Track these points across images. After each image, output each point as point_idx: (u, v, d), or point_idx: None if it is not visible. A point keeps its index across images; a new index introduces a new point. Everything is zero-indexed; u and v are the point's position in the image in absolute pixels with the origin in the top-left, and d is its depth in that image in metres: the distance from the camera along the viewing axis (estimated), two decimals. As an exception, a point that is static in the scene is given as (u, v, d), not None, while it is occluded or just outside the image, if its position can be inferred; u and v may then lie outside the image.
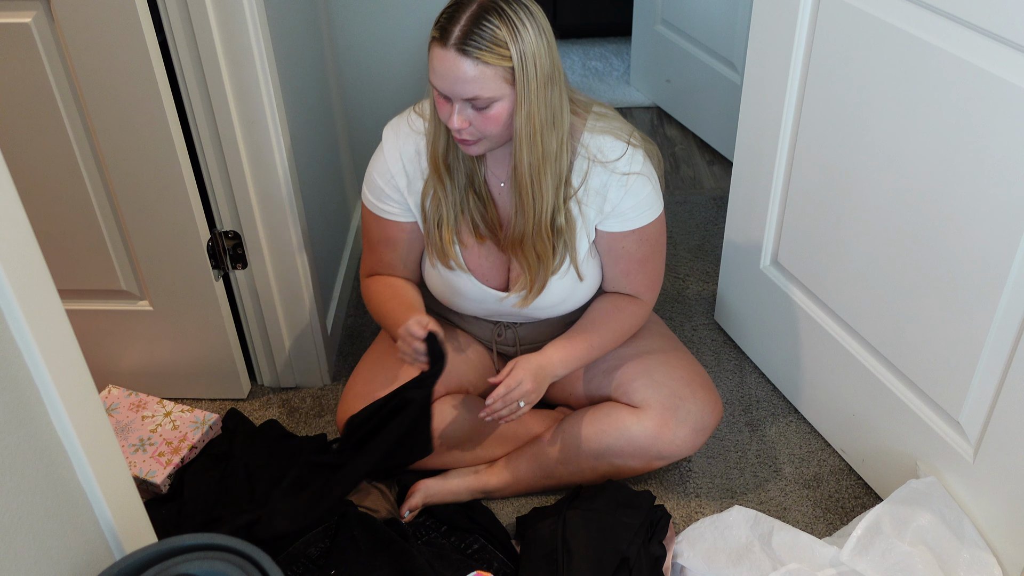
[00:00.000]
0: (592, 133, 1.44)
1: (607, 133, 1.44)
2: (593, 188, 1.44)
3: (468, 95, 1.29)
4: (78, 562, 0.99)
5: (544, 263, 1.46)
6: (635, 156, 1.45)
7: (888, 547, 1.40)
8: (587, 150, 1.43)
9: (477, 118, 1.32)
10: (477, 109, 1.31)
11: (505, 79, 1.29)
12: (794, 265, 1.77)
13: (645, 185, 1.46)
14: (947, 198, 1.35)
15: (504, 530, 1.59)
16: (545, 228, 1.42)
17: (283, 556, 1.49)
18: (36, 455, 0.93)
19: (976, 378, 1.38)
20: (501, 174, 1.48)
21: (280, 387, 1.96)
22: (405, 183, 1.49)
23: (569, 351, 1.51)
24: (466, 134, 1.34)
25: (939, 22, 1.30)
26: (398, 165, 1.49)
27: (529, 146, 1.34)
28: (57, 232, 1.67)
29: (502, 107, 1.31)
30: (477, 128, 1.33)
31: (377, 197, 1.53)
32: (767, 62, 1.68)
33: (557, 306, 1.55)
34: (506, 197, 1.49)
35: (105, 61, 1.46)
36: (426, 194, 1.48)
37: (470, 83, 1.28)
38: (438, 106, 1.35)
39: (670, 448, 1.55)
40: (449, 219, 1.47)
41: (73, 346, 1.00)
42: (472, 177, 1.46)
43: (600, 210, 1.46)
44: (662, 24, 2.91)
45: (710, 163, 2.77)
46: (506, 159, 1.45)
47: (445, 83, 1.30)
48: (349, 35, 2.17)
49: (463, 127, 1.32)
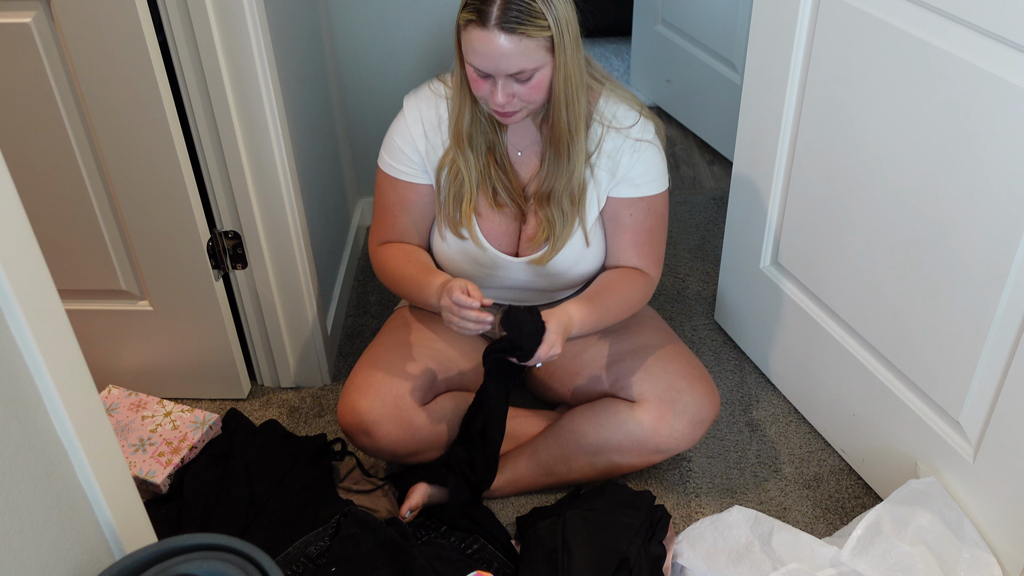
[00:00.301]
0: (607, 100, 1.51)
1: (622, 101, 1.52)
2: (606, 152, 1.51)
3: (514, 70, 1.35)
4: (78, 562, 0.99)
5: (568, 219, 1.52)
6: (647, 125, 1.51)
7: (888, 547, 1.40)
8: (602, 116, 1.50)
9: (520, 90, 1.38)
10: (520, 82, 1.37)
11: (546, 48, 1.35)
12: (794, 265, 1.77)
13: (656, 155, 1.53)
14: (947, 198, 1.35)
15: (504, 530, 1.59)
16: (578, 182, 1.50)
17: (283, 556, 1.49)
18: (36, 455, 0.93)
19: (976, 378, 1.38)
20: (519, 143, 1.55)
21: (280, 387, 1.96)
22: (425, 147, 1.54)
23: (587, 311, 1.50)
24: (508, 107, 1.40)
25: (939, 22, 1.30)
26: (419, 129, 1.53)
27: (567, 106, 1.42)
28: (57, 232, 1.67)
29: (543, 75, 1.38)
30: (520, 99, 1.40)
31: (396, 159, 1.56)
32: (767, 62, 1.68)
33: (565, 273, 1.59)
34: (524, 164, 1.55)
35: (105, 61, 1.46)
36: (443, 166, 1.53)
37: (516, 58, 1.34)
38: (475, 85, 1.40)
39: (668, 441, 1.56)
40: (471, 190, 1.52)
41: (73, 346, 1.00)
42: (494, 148, 1.52)
43: (613, 174, 1.52)
44: (662, 24, 2.91)
45: (710, 163, 2.77)
46: (526, 128, 1.53)
47: (489, 62, 1.35)
48: (349, 35, 2.17)
49: (508, 101, 1.38)
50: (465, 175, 1.51)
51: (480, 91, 1.40)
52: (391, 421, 1.53)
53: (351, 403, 1.55)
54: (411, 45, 2.18)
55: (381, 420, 1.52)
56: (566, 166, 1.48)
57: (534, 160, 1.55)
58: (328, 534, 1.51)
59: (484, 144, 1.51)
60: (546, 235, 1.54)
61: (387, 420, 1.52)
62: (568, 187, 1.49)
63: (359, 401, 1.54)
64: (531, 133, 1.54)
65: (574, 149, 1.46)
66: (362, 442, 1.56)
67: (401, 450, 1.56)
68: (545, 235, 1.54)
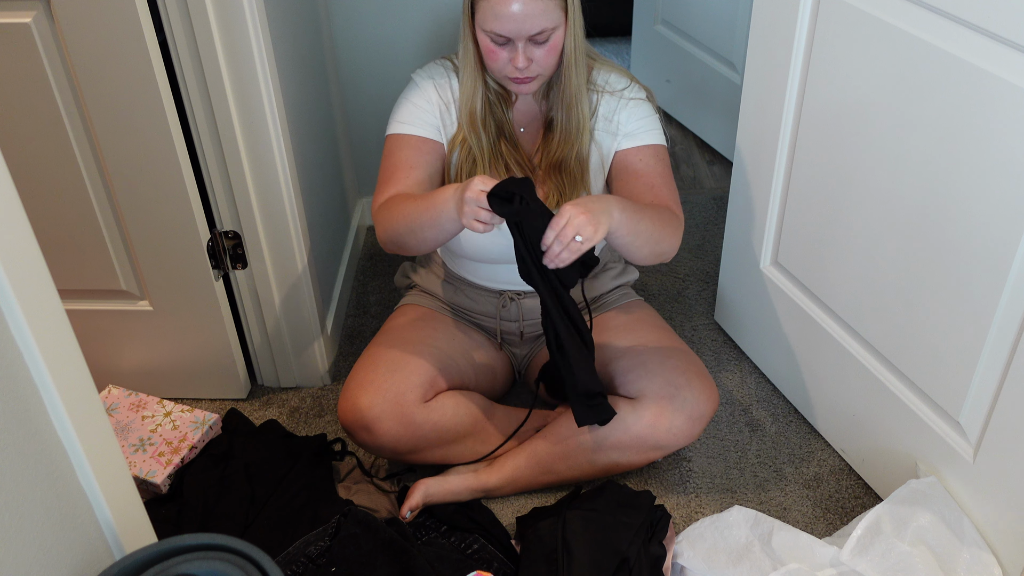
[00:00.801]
0: (599, 71, 1.60)
1: (613, 70, 1.61)
2: (603, 115, 1.59)
3: (535, 31, 1.41)
4: (78, 562, 0.99)
5: (577, 186, 1.57)
6: (639, 88, 1.61)
7: (888, 547, 1.40)
8: (595, 84, 1.59)
9: (538, 53, 1.45)
10: (538, 44, 1.44)
11: (560, 7, 1.44)
12: (794, 265, 1.77)
13: (651, 110, 1.61)
14: (947, 198, 1.35)
15: (504, 530, 1.59)
16: (585, 148, 1.57)
17: (283, 556, 1.49)
18: (36, 455, 0.93)
19: (976, 378, 1.38)
20: (521, 120, 1.63)
21: (280, 387, 1.96)
22: (441, 112, 1.59)
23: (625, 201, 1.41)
24: (527, 72, 1.46)
25: (939, 22, 1.30)
26: (435, 96, 1.59)
27: (576, 68, 1.51)
28: (57, 232, 1.67)
29: (558, 36, 1.45)
30: (538, 63, 1.46)
31: (413, 117, 1.59)
32: (767, 62, 1.68)
33: None
34: (527, 140, 1.63)
35: (105, 61, 1.46)
36: (454, 147, 1.59)
37: (539, 18, 1.41)
38: (491, 56, 1.46)
39: (667, 437, 1.56)
40: (484, 168, 1.57)
41: (73, 346, 1.00)
42: (502, 126, 1.59)
43: (614, 135, 1.59)
44: (662, 24, 2.91)
45: (710, 163, 2.77)
46: (527, 105, 1.61)
47: (513, 25, 1.41)
48: (349, 35, 2.17)
49: (528, 65, 1.44)
50: (477, 154, 1.57)
51: (496, 61, 1.46)
52: (392, 417, 1.53)
53: (352, 399, 1.55)
54: (411, 45, 2.18)
55: (382, 416, 1.52)
56: (576, 133, 1.55)
57: (536, 135, 1.62)
58: (328, 534, 1.51)
59: (494, 123, 1.57)
60: (556, 204, 1.57)
61: (388, 416, 1.53)
62: (577, 154, 1.56)
63: (360, 397, 1.54)
64: (532, 109, 1.62)
65: (582, 114, 1.54)
66: (363, 438, 1.56)
67: (402, 447, 1.56)
68: (555, 204, 1.57)
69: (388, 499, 1.64)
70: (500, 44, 1.44)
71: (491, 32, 1.43)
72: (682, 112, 2.95)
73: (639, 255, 1.47)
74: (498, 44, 1.44)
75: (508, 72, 1.47)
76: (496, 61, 1.47)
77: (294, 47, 1.80)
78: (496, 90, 1.58)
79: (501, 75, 1.50)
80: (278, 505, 1.60)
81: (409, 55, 2.19)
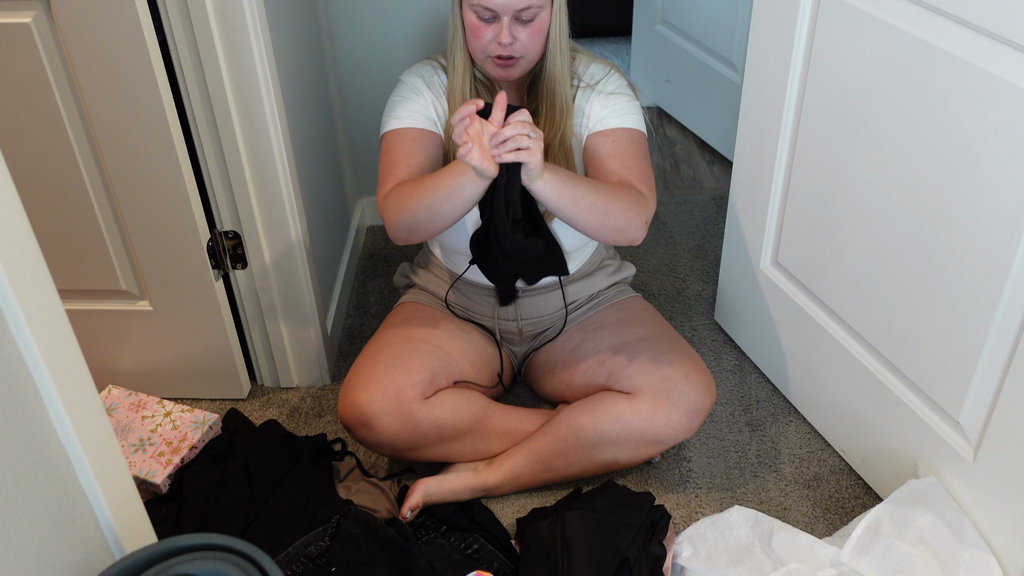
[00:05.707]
0: (580, 62, 1.63)
1: (594, 61, 1.64)
2: (579, 107, 1.61)
3: (522, 5, 1.44)
4: (78, 562, 0.99)
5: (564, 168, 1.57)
6: (618, 80, 1.62)
7: (888, 547, 1.40)
8: (579, 79, 1.61)
9: (523, 31, 1.47)
10: (523, 23, 1.46)
11: None
12: (794, 265, 1.77)
13: (628, 101, 1.60)
14: (947, 198, 1.35)
15: (504, 530, 1.59)
16: (569, 132, 1.58)
17: (283, 556, 1.49)
18: (36, 455, 0.93)
19: (976, 378, 1.38)
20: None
21: (280, 387, 1.96)
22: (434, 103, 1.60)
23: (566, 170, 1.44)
24: (511, 50, 1.48)
25: (939, 22, 1.30)
26: (425, 90, 1.61)
27: (560, 55, 1.53)
28: (57, 232, 1.67)
29: (543, 18, 1.48)
30: (522, 44, 1.48)
31: (408, 110, 1.59)
32: (767, 62, 1.68)
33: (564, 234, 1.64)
34: None
35: (105, 61, 1.46)
36: (449, 138, 1.59)
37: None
38: (475, 32, 1.48)
39: (665, 431, 1.56)
40: None
41: (73, 346, 1.00)
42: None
43: (587, 127, 1.60)
44: (662, 24, 2.91)
45: (710, 163, 2.77)
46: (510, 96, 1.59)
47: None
48: (349, 35, 2.17)
49: (511, 41, 1.46)
50: None
51: (480, 39, 1.48)
52: (392, 414, 1.53)
53: (352, 395, 1.55)
54: (411, 46, 2.18)
55: (382, 413, 1.52)
56: (560, 118, 1.56)
57: None
58: (328, 534, 1.51)
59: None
60: None
61: (387, 413, 1.53)
62: (562, 139, 1.57)
63: (360, 394, 1.54)
64: (515, 100, 1.62)
65: (565, 100, 1.56)
66: (362, 435, 1.56)
67: (401, 444, 1.56)
68: None
69: (388, 499, 1.64)
70: (486, 20, 1.46)
71: (478, 5, 1.45)
72: (682, 112, 2.95)
73: (587, 225, 1.44)
74: (484, 20, 1.46)
75: (492, 51, 1.48)
76: (480, 39, 1.48)
77: (294, 47, 1.80)
78: (483, 80, 1.59)
79: (484, 55, 1.50)
80: (278, 505, 1.60)
81: (409, 55, 2.19)
